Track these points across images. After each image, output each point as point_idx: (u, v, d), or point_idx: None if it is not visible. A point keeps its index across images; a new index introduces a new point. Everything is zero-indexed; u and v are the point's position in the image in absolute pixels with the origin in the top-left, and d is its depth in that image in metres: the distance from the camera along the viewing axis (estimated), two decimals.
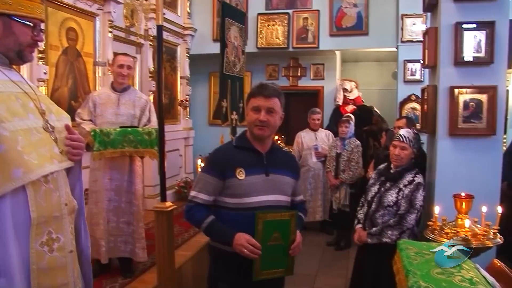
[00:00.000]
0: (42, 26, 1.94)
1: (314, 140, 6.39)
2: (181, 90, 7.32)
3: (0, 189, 1.61)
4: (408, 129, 3.44)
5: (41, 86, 4.16)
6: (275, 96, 2.30)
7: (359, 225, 3.39)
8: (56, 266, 1.79)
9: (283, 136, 7.23)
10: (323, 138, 6.39)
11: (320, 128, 6.55)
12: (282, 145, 6.98)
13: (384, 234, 3.14)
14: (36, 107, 1.84)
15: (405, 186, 3.18)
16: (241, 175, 2.24)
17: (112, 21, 5.24)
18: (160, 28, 3.33)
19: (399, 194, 3.17)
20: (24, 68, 3.94)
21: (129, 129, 3.79)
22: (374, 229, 3.21)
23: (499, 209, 2.89)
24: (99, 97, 3.93)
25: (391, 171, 3.31)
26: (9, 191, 1.63)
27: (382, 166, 3.50)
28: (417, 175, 3.22)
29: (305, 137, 6.47)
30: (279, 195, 2.32)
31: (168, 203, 3.33)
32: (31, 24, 1.81)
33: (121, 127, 3.81)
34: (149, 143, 3.78)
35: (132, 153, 3.81)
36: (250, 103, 2.31)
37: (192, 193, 2.33)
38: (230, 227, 2.22)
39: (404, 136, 3.25)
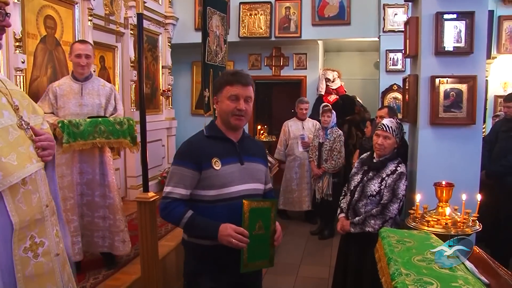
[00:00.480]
0: (9, 10, 1.78)
1: (301, 130, 6.41)
2: (163, 80, 7.25)
3: None
4: (391, 119, 3.46)
5: (19, 75, 4.08)
6: (251, 84, 2.26)
7: (342, 214, 3.41)
8: (43, 272, 1.69)
9: (265, 126, 7.23)
10: (310, 127, 6.41)
11: (308, 118, 6.56)
12: (265, 134, 7.00)
13: (367, 224, 3.16)
14: (9, 103, 1.70)
15: (388, 175, 3.21)
16: (217, 165, 2.18)
17: (91, 9, 5.14)
18: (140, 17, 3.29)
19: (382, 183, 3.19)
20: (0, 57, 3.86)
21: (100, 119, 3.61)
22: (357, 218, 3.23)
23: (479, 197, 2.95)
24: (60, 88, 3.71)
25: (374, 160, 3.34)
26: None
27: (365, 155, 3.52)
28: (399, 165, 3.25)
29: (292, 126, 6.49)
30: (255, 183, 2.30)
31: (151, 194, 3.31)
32: None
33: (89, 117, 3.63)
34: (121, 133, 3.64)
35: (103, 144, 3.63)
36: (225, 91, 2.23)
37: (167, 188, 2.22)
38: (212, 220, 2.15)
39: (388, 126, 3.28)
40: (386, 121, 3.36)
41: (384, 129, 3.27)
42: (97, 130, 3.56)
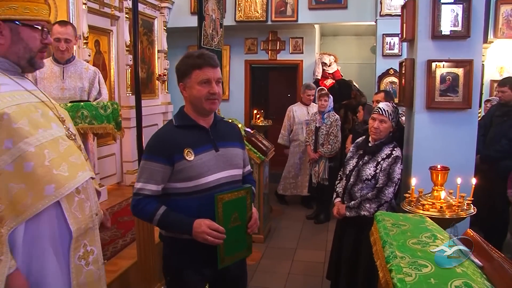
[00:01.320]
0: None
1: (306, 115, 6.40)
2: (159, 64, 7.20)
3: (34, 208, 1.56)
4: (387, 103, 3.46)
5: None
6: (218, 65, 2.17)
7: (338, 199, 3.42)
8: (93, 280, 1.76)
9: (262, 110, 7.20)
10: (315, 111, 6.36)
11: (312, 103, 6.52)
12: (261, 119, 6.98)
13: (363, 207, 3.17)
14: (56, 116, 1.76)
15: (383, 159, 3.21)
16: (190, 156, 2.08)
17: None
18: (135, 0, 3.24)
19: (377, 167, 3.20)
20: None
21: (82, 103, 3.43)
22: (352, 202, 3.25)
23: (474, 181, 2.96)
24: (40, 71, 3.51)
25: (370, 144, 3.34)
26: (43, 209, 1.58)
27: (360, 139, 3.52)
28: (395, 149, 3.26)
29: (296, 111, 6.48)
30: (232, 169, 2.22)
31: None
32: (39, 27, 1.70)
33: (71, 101, 3.47)
34: (105, 118, 3.47)
35: (86, 130, 3.46)
36: (194, 76, 2.10)
37: (138, 185, 2.12)
38: (186, 215, 2.07)
39: (384, 109, 3.28)
40: (382, 105, 3.35)
41: (380, 112, 3.27)
42: (79, 115, 3.38)
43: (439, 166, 2.97)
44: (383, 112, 3.26)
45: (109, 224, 2.02)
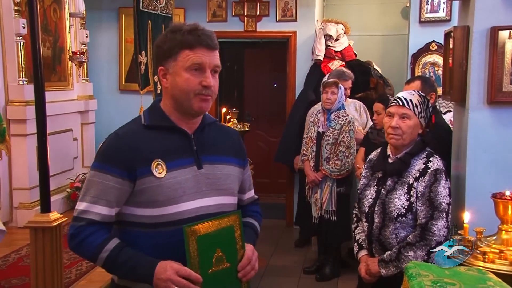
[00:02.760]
0: None
1: None
2: (73, 36, 7.21)
3: None
4: (412, 90, 3.36)
5: None
6: (218, 47, 2.24)
7: (363, 252, 3.35)
8: None
9: (234, 109, 7.15)
10: (352, 113, 6.29)
11: (348, 99, 6.41)
12: (235, 122, 6.92)
13: (404, 259, 3.07)
14: None
15: (416, 179, 3.13)
16: (160, 170, 2.15)
17: None
18: None
19: (411, 193, 3.13)
20: None
21: None
22: (387, 253, 3.16)
23: None
24: None
25: (389, 160, 3.26)
26: None
27: (373, 154, 3.46)
28: (430, 159, 3.17)
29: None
30: (220, 196, 2.29)
31: (54, 215, 3.27)
32: None
33: None
34: None
35: None
36: (183, 58, 2.18)
37: (81, 205, 2.17)
38: (148, 255, 2.12)
39: (405, 99, 3.17)
40: (403, 94, 3.24)
41: (400, 103, 3.17)
42: None
43: (508, 193, 2.94)
44: (405, 103, 3.18)
45: None
